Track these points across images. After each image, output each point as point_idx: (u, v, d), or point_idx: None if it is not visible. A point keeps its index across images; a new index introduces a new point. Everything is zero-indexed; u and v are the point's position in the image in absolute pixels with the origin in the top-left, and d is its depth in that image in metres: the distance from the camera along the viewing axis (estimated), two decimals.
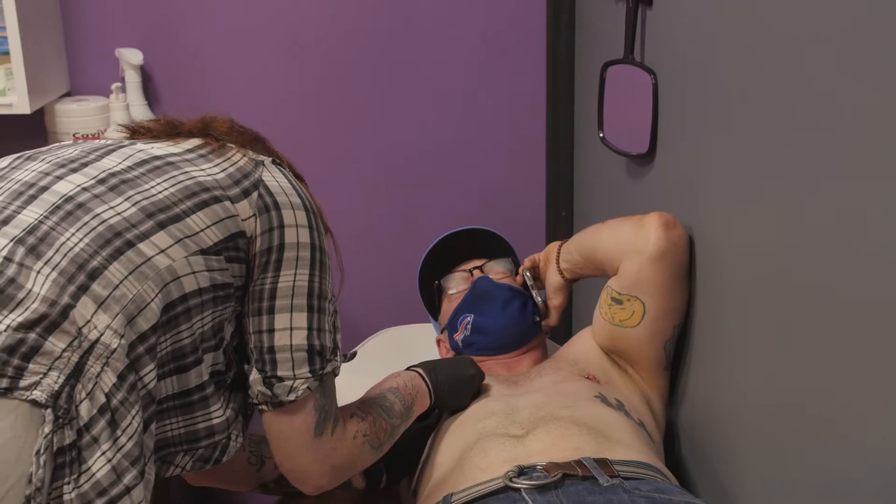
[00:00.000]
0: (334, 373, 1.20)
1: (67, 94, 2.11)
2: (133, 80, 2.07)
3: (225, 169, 1.13)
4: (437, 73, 2.19)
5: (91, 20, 2.10)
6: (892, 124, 0.87)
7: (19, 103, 1.89)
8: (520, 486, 1.19)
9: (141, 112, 2.07)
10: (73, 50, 2.11)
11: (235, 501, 2.38)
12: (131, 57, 2.05)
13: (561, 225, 2.19)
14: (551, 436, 1.30)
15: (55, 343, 0.93)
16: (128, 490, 0.95)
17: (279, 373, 1.14)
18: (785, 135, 1.10)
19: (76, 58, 2.12)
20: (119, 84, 2.06)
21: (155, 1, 2.10)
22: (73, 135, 2.03)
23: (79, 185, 1.04)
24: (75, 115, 2.04)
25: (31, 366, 0.91)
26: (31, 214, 1.01)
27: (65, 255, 0.97)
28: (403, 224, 2.26)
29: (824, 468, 1.05)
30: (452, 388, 1.44)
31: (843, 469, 1.01)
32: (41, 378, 0.91)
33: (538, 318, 1.67)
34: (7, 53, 1.88)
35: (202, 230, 1.06)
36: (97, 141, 1.17)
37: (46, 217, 1.00)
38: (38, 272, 0.96)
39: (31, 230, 0.99)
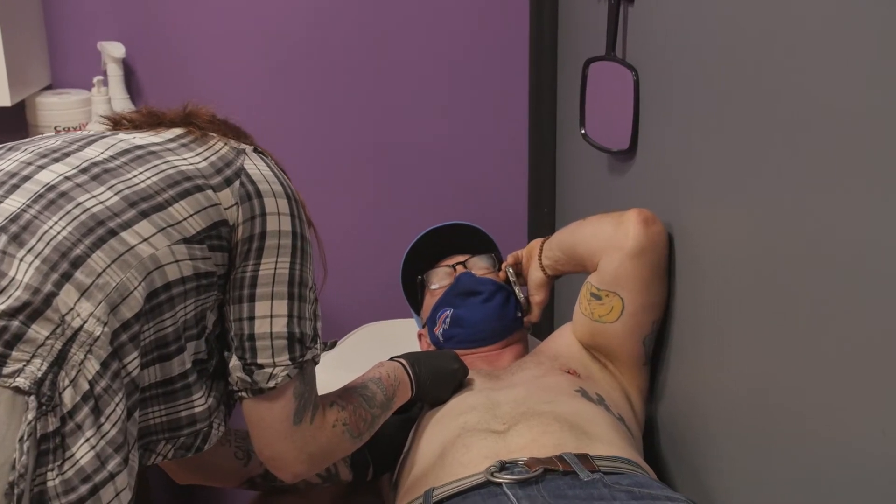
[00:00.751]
0: (314, 360, 1.20)
1: (49, 88, 2.10)
2: (115, 73, 2.06)
3: (207, 158, 1.13)
4: (419, 70, 2.19)
5: (73, 13, 2.09)
6: (876, 121, 0.88)
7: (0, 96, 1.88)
8: (501, 480, 1.20)
9: (123, 105, 2.06)
10: (55, 43, 2.10)
11: (218, 501, 2.38)
12: (113, 50, 2.04)
13: (543, 222, 2.20)
14: (532, 431, 1.31)
15: (38, 331, 0.93)
16: (112, 476, 0.95)
17: (259, 360, 1.14)
18: (765, 132, 1.11)
19: (58, 51, 2.11)
20: (101, 77, 2.05)
21: None
22: (55, 128, 2.02)
23: (61, 175, 1.04)
24: (57, 108, 2.02)
25: (13, 353, 0.91)
26: (13, 203, 1.00)
27: (47, 244, 0.97)
28: (387, 219, 2.27)
29: (803, 463, 1.06)
30: (435, 380, 1.45)
31: (821, 464, 1.02)
32: (24, 365, 0.91)
33: (520, 314, 1.68)
34: None
35: (185, 219, 1.07)
36: (79, 132, 1.17)
37: (29, 206, 1.00)
38: (21, 260, 0.96)
39: (14, 219, 0.99)
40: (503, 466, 1.23)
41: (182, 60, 2.13)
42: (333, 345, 1.28)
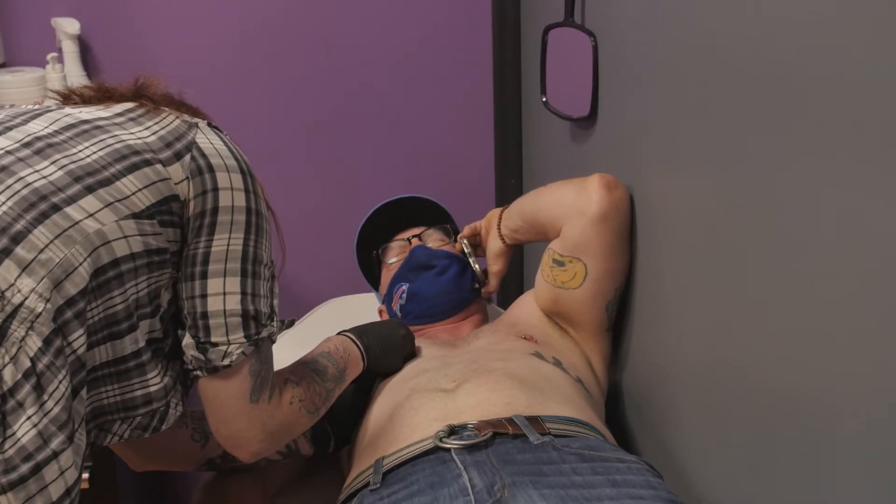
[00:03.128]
0: (271, 339, 1.18)
1: (2, 66, 2.06)
2: (70, 49, 2.02)
3: (156, 132, 1.11)
4: (381, 39, 2.17)
5: None
6: (832, 82, 0.88)
7: None
8: (450, 446, 1.19)
9: (79, 82, 2.01)
10: (7, 20, 2.06)
11: (181, 482, 2.36)
12: (67, 26, 2.01)
13: (510, 192, 2.18)
14: (482, 389, 1.29)
15: None
16: (55, 455, 0.93)
17: (213, 338, 1.12)
18: (724, 96, 1.10)
19: (10, 28, 2.06)
20: (55, 54, 2.01)
21: None
22: (10, 106, 1.98)
23: (2, 149, 1.02)
24: (10, 86, 1.98)
25: None
26: None
27: None
28: (349, 193, 2.24)
29: (760, 426, 1.07)
30: (384, 349, 1.44)
31: (778, 426, 1.03)
32: None
33: (477, 285, 1.66)
34: None
35: (133, 193, 1.04)
36: (23, 107, 1.15)
37: None
38: None
39: None
40: (452, 431, 1.22)
41: (138, 36, 2.09)
42: (291, 323, 1.26)
